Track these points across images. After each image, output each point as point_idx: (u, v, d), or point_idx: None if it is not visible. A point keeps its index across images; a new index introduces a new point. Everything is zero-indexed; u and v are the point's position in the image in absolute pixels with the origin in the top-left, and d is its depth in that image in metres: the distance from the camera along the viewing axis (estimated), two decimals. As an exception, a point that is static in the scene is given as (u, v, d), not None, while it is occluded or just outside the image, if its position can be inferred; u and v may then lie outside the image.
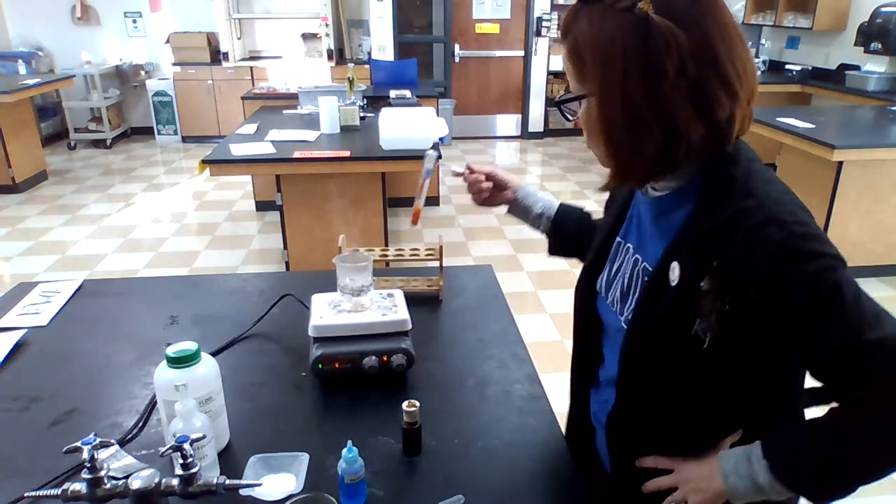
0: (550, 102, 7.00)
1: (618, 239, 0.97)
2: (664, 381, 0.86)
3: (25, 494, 0.86)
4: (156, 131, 7.19)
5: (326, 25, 6.64)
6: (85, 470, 0.78)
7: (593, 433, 1.04)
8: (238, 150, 3.20)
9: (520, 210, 1.24)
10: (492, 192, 1.22)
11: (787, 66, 5.66)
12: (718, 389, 0.84)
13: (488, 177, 1.22)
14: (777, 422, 0.88)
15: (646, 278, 0.87)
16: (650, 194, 0.88)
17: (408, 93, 4.66)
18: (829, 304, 0.71)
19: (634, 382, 0.90)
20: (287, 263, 3.47)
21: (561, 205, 1.23)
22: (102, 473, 0.79)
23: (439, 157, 1.25)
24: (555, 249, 1.24)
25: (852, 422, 0.75)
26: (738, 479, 0.81)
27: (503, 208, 1.26)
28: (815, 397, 0.89)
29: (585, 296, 1.02)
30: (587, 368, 1.04)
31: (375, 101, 4.48)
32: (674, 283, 0.81)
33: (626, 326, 0.89)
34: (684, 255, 0.80)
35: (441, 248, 1.50)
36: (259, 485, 0.84)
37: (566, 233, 1.21)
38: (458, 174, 1.22)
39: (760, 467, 0.79)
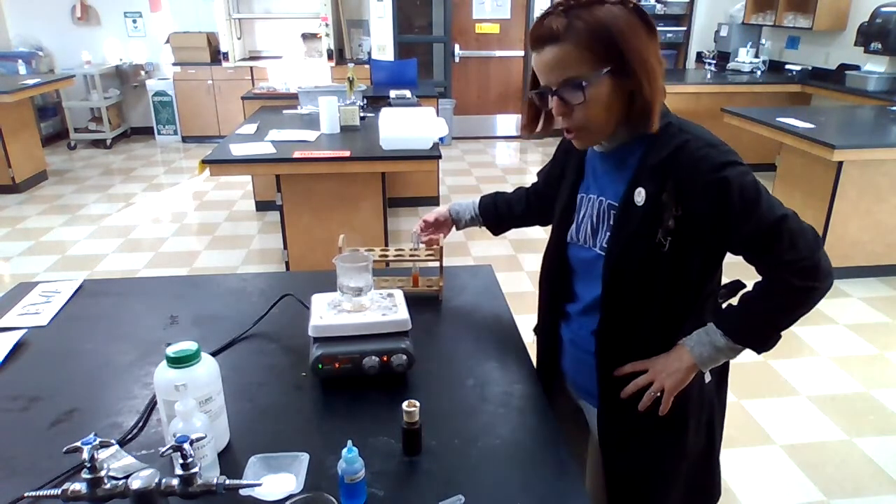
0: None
1: (580, 195, 1.20)
2: (638, 287, 1.10)
3: (25, 494, 0.86)
4: (156, 131, 7.19)
5: (326, 25, 6.64)
6: (85, 470, 0.78)
7: (560, 363, 1.30)
8: (238, 150, 3.20)
9: (461, 224, 1.53)
10: (438, 229, 1.53)
11: (787, 66, 5.65)
12: (675, 288, 1.09)
13: (428, 224, 1.51)
14: (706, 317, 1.13)
15: (613, 211, 1.11)
16: (605, 148, 1.13)
17: (408, 93, 4.66)
18: (752, 196, 1.00)
19: (616, 295, 1.12)
20: (287, 263, 3.47)
21: (480, 199, 1.52)
22: (102, 473, 0.79)
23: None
24: (494, 232, 1.55)
25: (774, 283, 1.06)
26: (701, 347, 1.09)
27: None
28: (726, 293, 1.20)
29: (557, 246, 1.23)
30: (556, 307, 1.27)
31: (375, 101, 4.48)
32: (640, 204, 1.05)
33: (603, 252, 1.12)
34: (646, 181, 1.05)
35: (441, 248, 1.50)
36: (259, 485, 0.84)
37: (492, 216, 1.51)
38: (420, 243, 1.51)
39: (716, 335, 1.09)
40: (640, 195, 1.05)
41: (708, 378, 1.19)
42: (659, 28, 7.39)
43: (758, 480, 2.17)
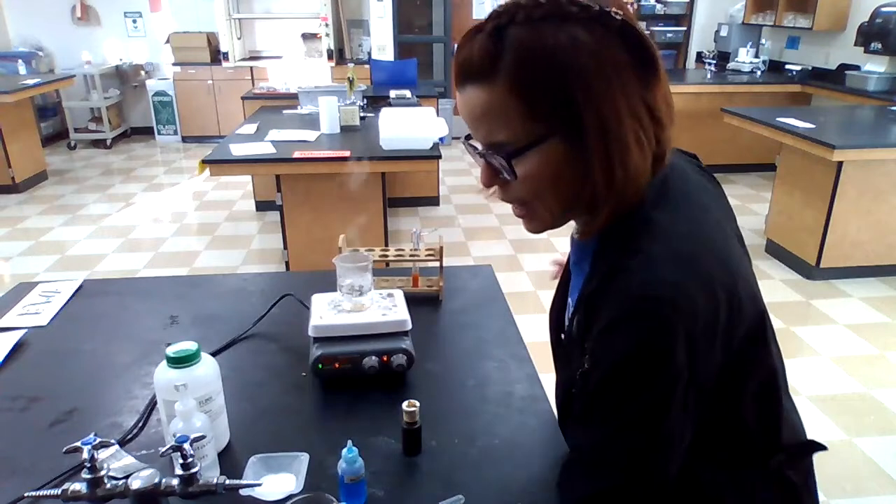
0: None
1: (569, 297, 0.93)
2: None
3: (25, 494, 0.86)
4: (156, 131, 7.20)
5: (326, 25, 6.64)
6: (85, 470, 0.78)
7: None
8: (238, 150, 3.20)
9: None
10: None
11: (787, 66, 5.65)
12: None
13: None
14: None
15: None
16: (578, 232, 0.82)
17: (408, 93, 4.66)
18: (612, 385, 0.70)
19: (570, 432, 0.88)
20: (287, 263, 3.47)
21: None
22: (102, 473, 0.79)
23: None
24: None
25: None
26: None
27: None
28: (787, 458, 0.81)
29: (555, 328, 0.96)
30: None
31: (375, 101, 4.48)
32: (574, 332, 0.77)
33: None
34: (580, 309, 0.74)
35: (441, 248, 1.50)
36: (259, 485, 0.84)
37: None
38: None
39: None
40: (575, 319, 0.77)
41: None
42: (659, 28, 7.33)
43: (758, 480, 2.17)
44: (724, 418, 0.75)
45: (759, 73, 5.88)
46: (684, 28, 7.03)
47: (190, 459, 0.79)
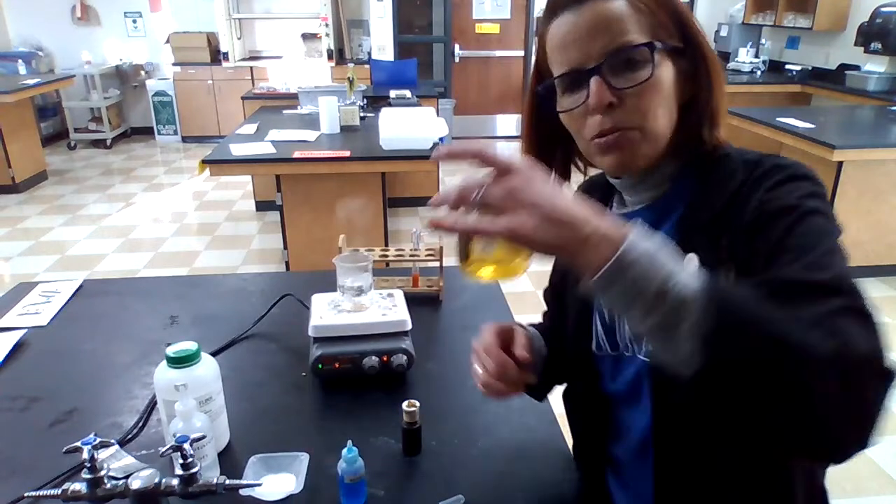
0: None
1: None
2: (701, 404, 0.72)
3: (25, 494, 0.86)
4: (156, 131, 7.20)
5: (326, 25, 6.64)
6: (85, 470, 0.78)
7: None
8: (238, 150, 3.20)
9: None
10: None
11: (787, 66, 5.65)
12: None
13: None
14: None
15: None
16: (627, 208, 0.82)
17: (408, 93, 4.66)
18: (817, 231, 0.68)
19: (673, 422, 0.76)
20: (287, 263, 3.47)
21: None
22: (102, 473, 0.79)
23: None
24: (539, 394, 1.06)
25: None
26: (644, 245, 0.54)
27: None
28: None
29: (579, 364, 0.89)
30: (596, 451, 0.92)
31: (375, 101, 4.48)
32: None
33: (647, 359, 0.78)
34: (697, 242, 0.70)
35: (441, 248, 1.50)
36: (259, 485, 0.84)
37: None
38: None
39: (684, 265, 0.54)
40: (691, 263, 0.65)
41: None
42: (659, 28, 7.44)
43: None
44: None
45: (759, 73, 5.88)
46: (684, 28, 7.03)
47: (190, 459, 0.79)
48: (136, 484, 0.78)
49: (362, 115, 3.89)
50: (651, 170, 0.78)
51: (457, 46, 6.97)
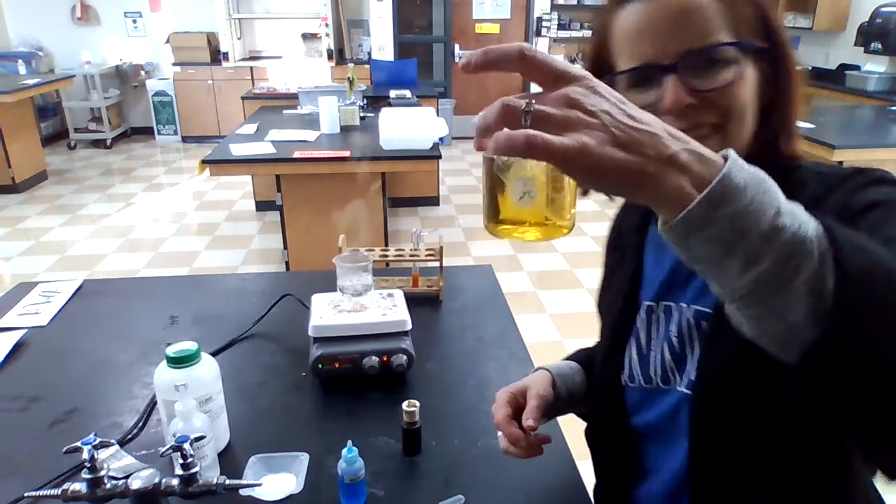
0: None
1: (647, 303, 0.79)
2: (752, 447, 0.67)
3: (25, 494, 0.86)
4: (156, 131, 7.20)
5: (326, 25, 6.64)
6: (85, 470, 0.78)
7: None
8: (238, 150, 3.20)
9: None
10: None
11: (787, 66, 5.65)
12: (817, 445, 0.65)
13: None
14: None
15: (705, 322, 0.71)
16: None
17: (408, 93, 4.66)
18: None
19: (715, 461, 0.70)
20: (287, 263, 3.47)
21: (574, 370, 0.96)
22: (102, 473, 0.79)
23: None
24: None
25: None
26: (746, 175, 0.43)
27: None
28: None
29: (606, 393, 0.83)
30: (618, 490, 0.86)
31: (375, 101, 4.48)
32: None
33: (690, 391, 0.71)
34: None
35: (441, 248, 1.50)
36: (259, 485, 0.84)
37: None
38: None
39: (796, 207, 0.44)
40: None
41: None
42: (659, 28, 7.45)
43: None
44: None
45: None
46: (684, 28, 7.02)
47: (190, 459, 0.79)
48: (136, 484, 0.78)
49: (362, 115, 3.89)
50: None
51: (457, 46, 6.97)
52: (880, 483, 0.70)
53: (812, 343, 0.42)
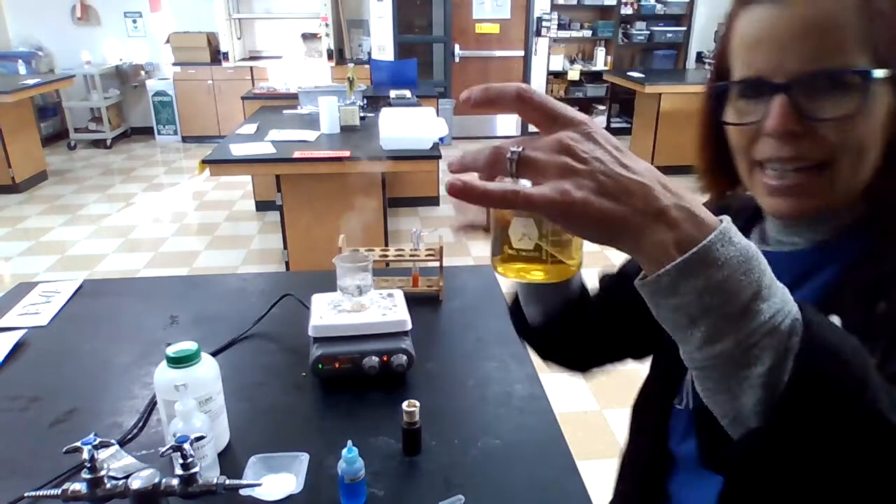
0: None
1: None
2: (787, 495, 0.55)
3: (25, 494, 0.86)
4: (156, 131, 7.20)
5: (326, 25, 6.64)
6: (85, 470, 0.78)
7: None
8: (238, 150, 3.20)
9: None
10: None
11: (787, 66, 5.66)
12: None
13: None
14: None
15: None
16: (769, 247, 0.66)
17: (408, 93, 4.66)
18: None
19: (745, 495, 0.61)
20: (287, 263, 3.47)
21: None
22: (102, 473, 0.79)
23: None
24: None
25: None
26: (731, 249, 0.41)
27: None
28: None
29: (655, 414, 0.78)
30: None
31: (375, 101, 4.48)
32: None
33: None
34: (848, 304, 0.56)
35: (441, 248, 1.50)
36: (259, 485, 0.84)
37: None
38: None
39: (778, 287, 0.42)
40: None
41: None
42: (659, 28, 7.31)
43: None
44: None
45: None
46: (684, 28, 7.03)
47: (190, 459, 0.79)
48: (136, 484, 0.78)
49: (362, 115, 3.89)
50: (825, 216, 0.62)
51: (457, 46, 6.97)
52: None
53: (747, 435, 0.42)
